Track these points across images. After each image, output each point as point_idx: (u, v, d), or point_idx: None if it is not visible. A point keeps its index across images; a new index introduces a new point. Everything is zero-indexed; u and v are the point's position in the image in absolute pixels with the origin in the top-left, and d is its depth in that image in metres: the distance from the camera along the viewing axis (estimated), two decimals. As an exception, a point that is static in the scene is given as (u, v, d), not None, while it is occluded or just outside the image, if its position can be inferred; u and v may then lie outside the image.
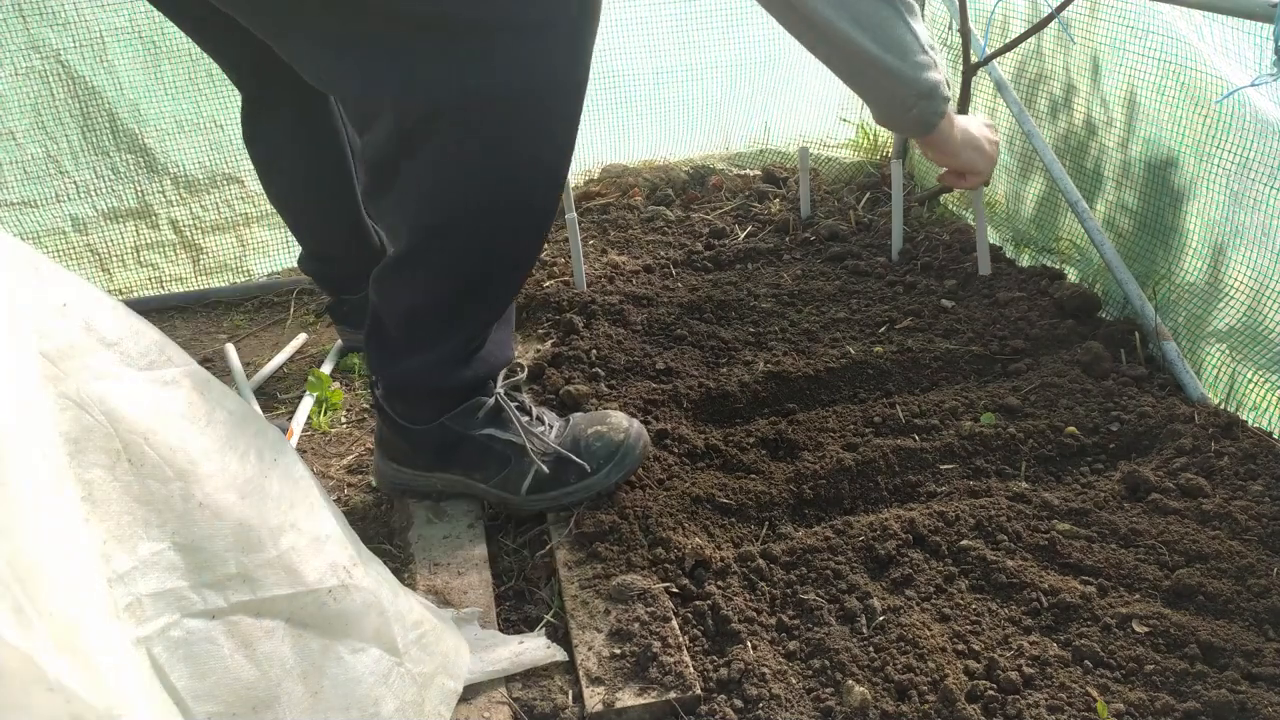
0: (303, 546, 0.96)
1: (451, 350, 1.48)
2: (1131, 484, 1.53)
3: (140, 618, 0.82)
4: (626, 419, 1.59)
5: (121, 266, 2.50)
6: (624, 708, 1.20)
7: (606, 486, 1.52)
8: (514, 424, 1.52)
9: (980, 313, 2.03)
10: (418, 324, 1.46)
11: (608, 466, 1.52)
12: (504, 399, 1.53)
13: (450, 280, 1.41)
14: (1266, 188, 1.62)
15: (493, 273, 1.43)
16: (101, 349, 0.84)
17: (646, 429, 1.70)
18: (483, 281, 1.43)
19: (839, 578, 1.37)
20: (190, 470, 0.87)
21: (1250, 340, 1.68)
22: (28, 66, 2.29)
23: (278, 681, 0.93)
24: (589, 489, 1.52)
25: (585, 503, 1.52)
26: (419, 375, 1.49)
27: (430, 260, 1.39)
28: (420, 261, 1.40)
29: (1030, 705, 1.16)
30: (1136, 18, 1.91)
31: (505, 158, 1.30)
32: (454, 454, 1.54)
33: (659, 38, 2.68)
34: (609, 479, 1.52)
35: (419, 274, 1.41)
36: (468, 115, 1.25)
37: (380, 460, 1.60)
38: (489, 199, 1.33)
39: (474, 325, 1.48)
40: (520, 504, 1.54)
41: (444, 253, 1.38)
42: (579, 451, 1.53)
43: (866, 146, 2.95)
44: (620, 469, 1.53)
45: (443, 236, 1.36)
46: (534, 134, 1.31)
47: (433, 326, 1.46)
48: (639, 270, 2.32)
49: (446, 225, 1.35)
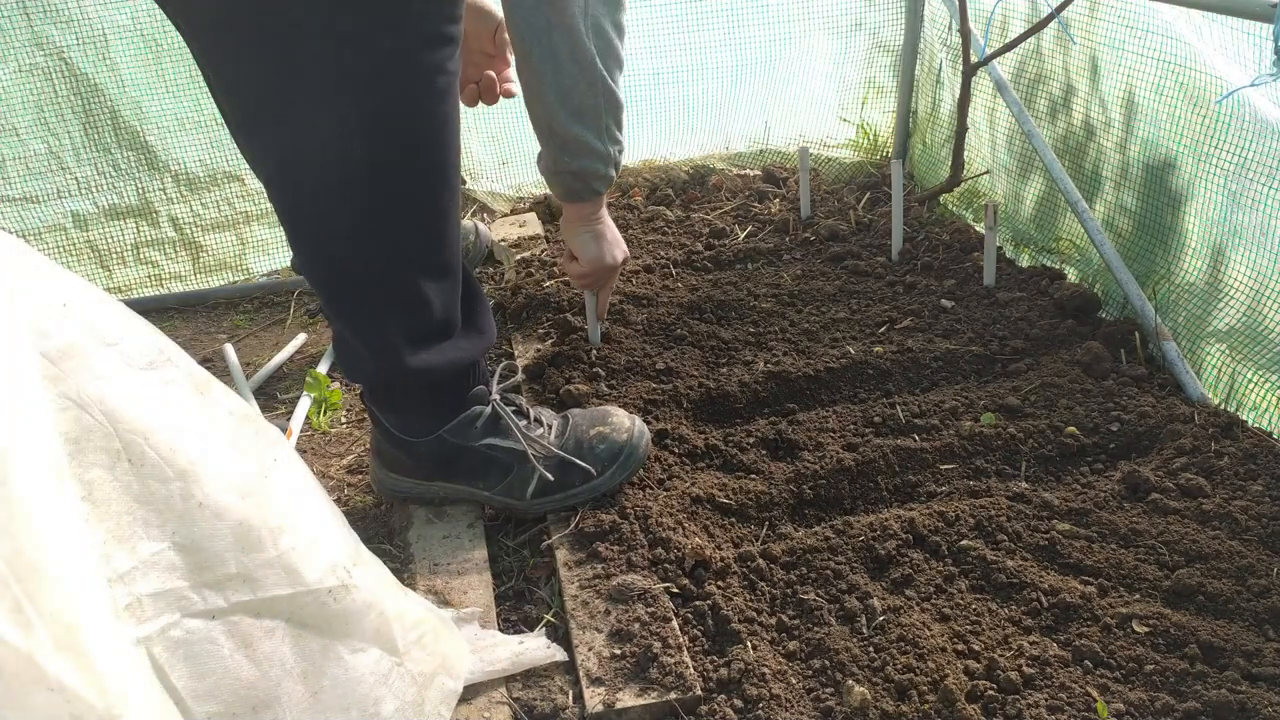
0: (303, 546, 0.96)
1: (407, 330, 1.41)
2: (1131, 484, 1.53)
3: (140, 618, 0.82)
4: (628, 417, 1.59)
5: (121, 263, 2.50)
6: (624, 708, 1.20)
7: (611, 488, 1.53)
8: (513, 431, 1.52)
9: (980, 313, 2.03)
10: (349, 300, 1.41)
11: (612, 468, 1.52)
12: (500, 406, 1.53)
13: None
14: (1265, 187, 1.62)
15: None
16: (101, 349, 0.84)
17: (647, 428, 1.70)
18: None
19: (839, 578, 1.37)
20: (190, 470, 0.87)
21: (1250, 340, 1.68)
22: (31, 63, 2.29)
23: (278, 681, 0.93)
24: (594, 490, 1.52)
25: (589, 503, 1.53)
26: (380, 368, 1.43)
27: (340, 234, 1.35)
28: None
29: (1030, 705, 1.16)
30: (1136, 18, 1.91)
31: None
32: (455, 465, 1.53)
33: (659, 38, 2.68)
34: (614, 480, 1.53)
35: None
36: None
37: (379, 470, 1.59)
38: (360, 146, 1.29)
39: (423, 304, 1.40)
40: (525, 509, 1.54)
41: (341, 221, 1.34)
42: (582, 454, 1.52)
43: (866, 146, 2.95)
44: (624, 470, 1.53)
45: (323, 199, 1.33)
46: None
47: (366, 304, 1.40)
48: (639, 270, 2.32)
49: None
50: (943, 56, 2.61)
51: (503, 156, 2.80)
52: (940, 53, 2.62)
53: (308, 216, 1.35)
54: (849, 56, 2.84)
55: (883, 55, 2.84)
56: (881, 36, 2.80)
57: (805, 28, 2.77)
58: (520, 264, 2.36)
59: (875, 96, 2.91)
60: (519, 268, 2.35)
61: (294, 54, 1.22)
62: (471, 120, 2.70)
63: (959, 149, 2.38)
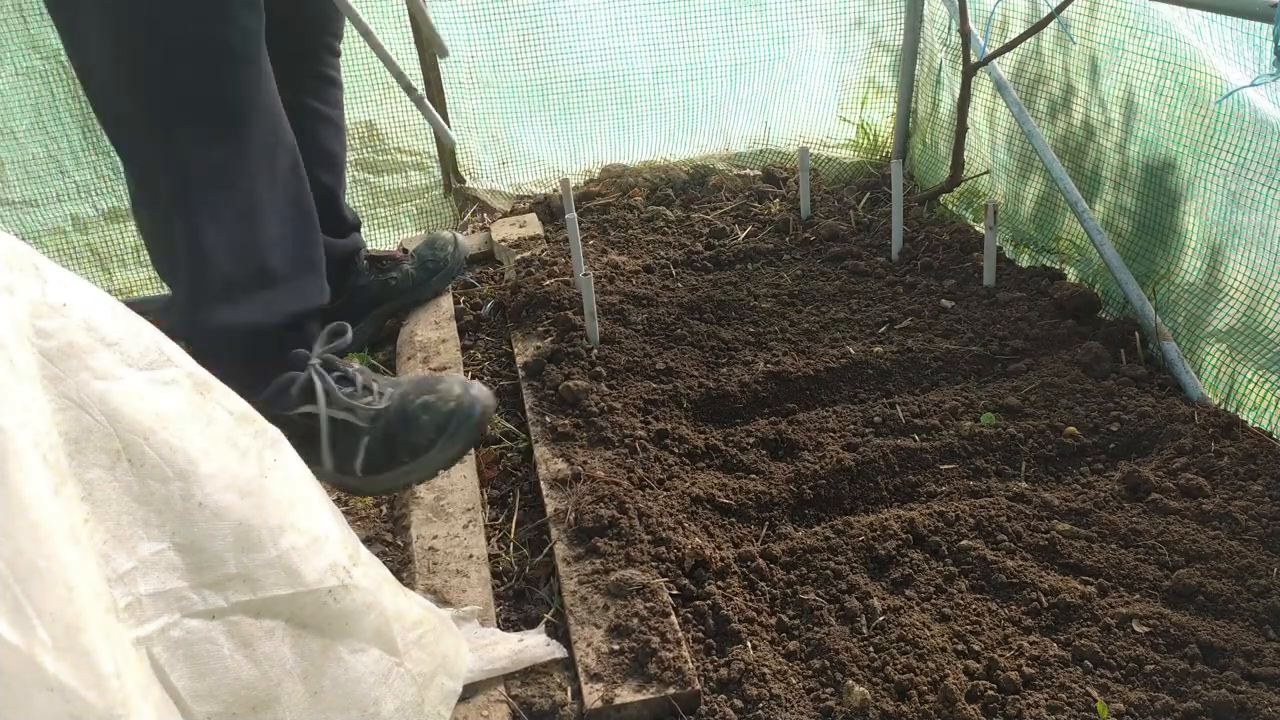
0: (303, 546, 0.96)
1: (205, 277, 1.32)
2: (1131, 484, 1.53)
3: (140, 618, 0.82)
4: (461, 383, 1.43)
5: (121, 266, 2.50)
6: (623, 704, 1.20)
7: (445, 461, 1.39)
8: (332, 397, 1.37)
9: (980, 313, 2.03)
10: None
11: (440, 440, 1.38)
12: (319, 371, 1.39)
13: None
14: (1264, 187, 1.62)
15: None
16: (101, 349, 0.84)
17: (646, 428, 1.70)
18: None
19: (839, 578, 1.37)
20: (190, 470, 0.87)
21: (1250, 340, 1.68)
22: (28, 66, 2.29)
23: (278, 681, 0.93)
24: (427, 466, 1.39)
25: (428, 479, 1.38)
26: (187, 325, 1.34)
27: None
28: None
29: (1030, 705, 1.17)
30: (1136, 18, 1.91)
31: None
32: None
33: (659, 38, 2.68)
34: (444, 453, 1.39)
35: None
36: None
37: None
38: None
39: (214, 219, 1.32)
40: (360, 485, 1.40)
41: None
42: (407, 424, 1.38)
43: (866, 146, 2.95)
44: (455, 441, 1.39)
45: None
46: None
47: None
48: (639, 270, 2.32)
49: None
50: (943, 56, 2.61)
51: (503, 156, 2.80)
52: (940, 53, 2.62)
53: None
54: (849, 56, 2.84)
55: (883, 55, 2.84)
56: (881, 36, 2.80)
57: (804, 27, 2.77)
58: (520, 264, 2.36)
59: (875, 96, 2.91)
60: (519, 267, 2.35)
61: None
62: (471, 120, 2.71)
63: (959, 149, 2.38)
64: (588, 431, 1.70)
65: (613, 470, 1.58)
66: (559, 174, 2.81)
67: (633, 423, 1.71)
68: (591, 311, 1.94)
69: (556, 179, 2.47)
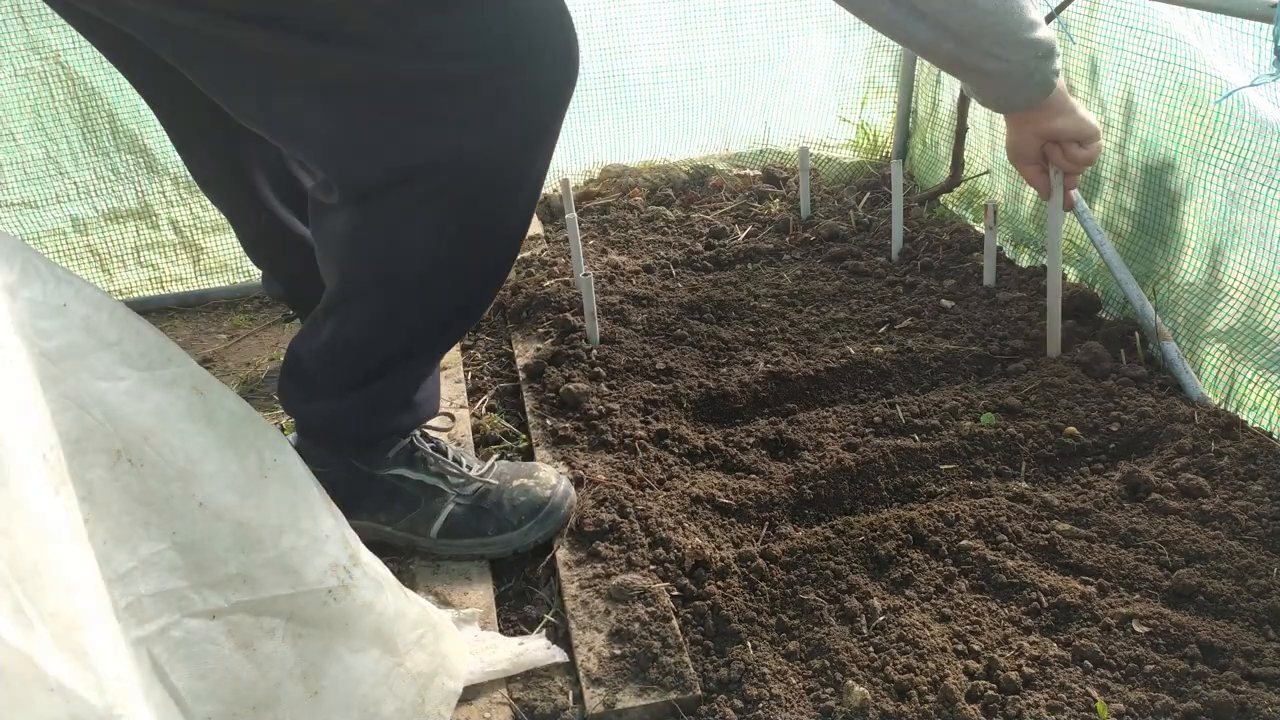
0: (303, 546, 0.96)
1: (383, 395, 1.42)
2: (1131, 484, 1.53)
3: (140, 618, 0.82)
4: (556, 475, 1.51)
5: (121, 267, 2.50)
6: (624, 708, 1.20)
7: (525, 544, 1.45)
8: (426, 464, 1.45)
9: (980, 313, 2.04)
10: (344, 365, 1.40)
11: (530, 523, 1.45)
12: (419, 439, 1.47)
13: (393, 327, 1.38)
14: (1264, 187, 1.62)
15: (443, 323, 1.42)
16: (101, 349, 0.84)
17: (646, 428, 1.70)
18: (433, 330, 1.41)
19: (839, 578, 1.37)
20: (190, 470, 0.87)
21: (1249, 340, 1.68)
22: (27, 67, 2.29)
23: (278, 681, 0.93)
24: (507, 544, 1.45)
25: (499, 556, 1.46)
26: (346, 419, 1.43)
27: (372, 306, 1.36)
28: (360, 303, 1.36)
29: (1030, 705, 1.16)
30: (1136, 18, 1.90)
31: (467, 220, 1.29)
32: (360, 497, 1.44)
33: (659, 37, 2.68)
34: (529, 536, 1.45)
35: (354, 315, 1.37)
36: (429, 181, 1.23)
37: None
38: (446, 256, 1.31)
39: (409, 371, 1.43)
40: (429, 546, 1.46)
41: (385, 303, 1.35)
42: (500, 502, 1.45)
43: (866, 146, 2.95)
44: (543, 527, 1.45)
45: (387, 289, 1.33)
46: (497, 197, 1.29)
47: (361, 368, 1.40)
48: (639, 270, 2.32)
49: (392, 279, 1.32)
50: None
51: (502, 157, 2.80)
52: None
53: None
54: (849, 56, 2.84)
55: (882, 55, 2.84)
56: (881, 36, 2.79)
57: (804, 27, 2.77)
58: (520, 264, 2.36)
59: (875, 96, 2.91)
60: (519, 268, 2.36)
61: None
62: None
63: (959, 149, 2.38)
64: (588, 435, 1.70)
65: (613, 474, 1.58)
66: (559, 174, 2.81)
67: (633, 423, 1.71)
68: (591, 312, 1.94)
69: (556, 179, 2.47)
